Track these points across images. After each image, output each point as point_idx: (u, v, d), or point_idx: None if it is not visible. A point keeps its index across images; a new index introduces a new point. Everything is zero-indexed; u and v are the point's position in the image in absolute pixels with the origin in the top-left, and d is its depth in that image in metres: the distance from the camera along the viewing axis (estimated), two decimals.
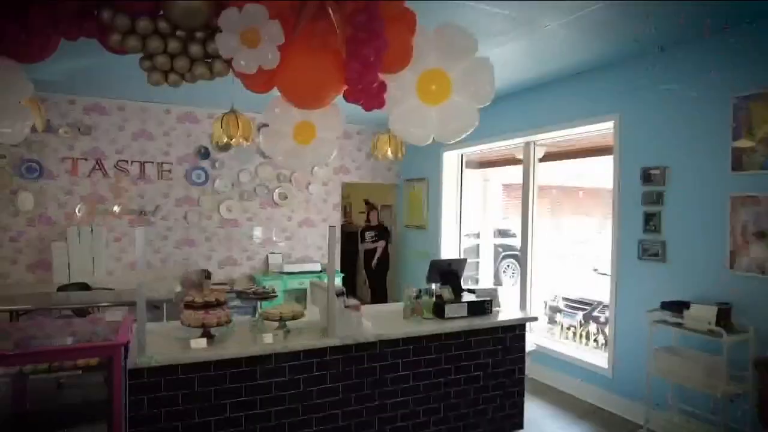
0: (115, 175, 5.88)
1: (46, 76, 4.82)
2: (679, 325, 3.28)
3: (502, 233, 9.03)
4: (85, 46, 2.15)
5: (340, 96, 2.46)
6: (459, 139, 2.74)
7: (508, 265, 11.36)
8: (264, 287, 3.16)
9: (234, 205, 6.48)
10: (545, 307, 6.19)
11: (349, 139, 7.23)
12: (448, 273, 3.53)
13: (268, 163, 6.66)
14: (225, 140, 2.71)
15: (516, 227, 12.32)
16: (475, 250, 7.24)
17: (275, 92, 2.51)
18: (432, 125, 2.75)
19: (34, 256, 5.55)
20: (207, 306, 2.79)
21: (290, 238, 6.87)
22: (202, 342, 2.50)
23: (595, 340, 4.82)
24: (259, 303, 3.06)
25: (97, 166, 5.79)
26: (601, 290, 5.31)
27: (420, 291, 3.39)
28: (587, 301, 6.33)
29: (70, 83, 5.22)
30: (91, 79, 5.08)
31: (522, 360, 3.51)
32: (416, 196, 7.10)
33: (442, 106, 2.68)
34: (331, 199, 7.14)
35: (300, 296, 6.99)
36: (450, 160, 6.50)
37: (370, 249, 7.34)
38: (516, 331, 3.46)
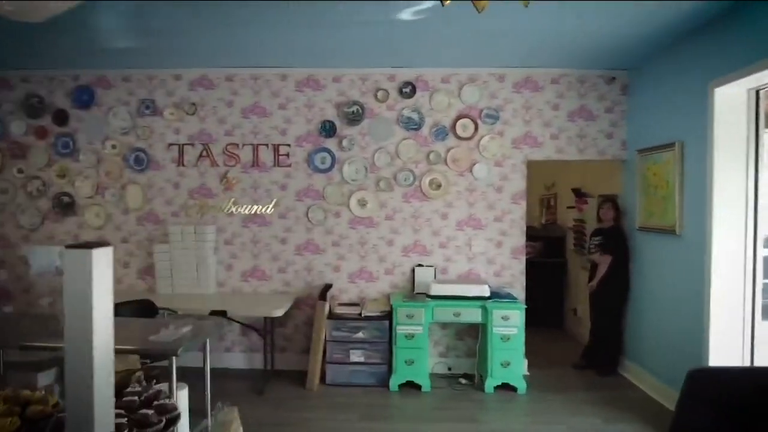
0: (224, 163, 4.72)
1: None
2: None
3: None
4: None
5: None
6: None
7: None
8: (157, 396, 1.14)
9: (368, 198, 4.69)
10: None
11: (538, 92, 4.63)
12: None
13: (413, 137, 4.66)
14: None
15: None
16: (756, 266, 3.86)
17: None
18: None
19: (143, 260, 4.77)
20: None
21: (446, 245, 4.71)
22: None
23: None
24: None
25: (204, 153, 4.72)
26: None
27: None
28: None
29: (175, 54, 4.29)
30: (197, 47, 4.14)
31: None
32: (658, 177, 4.09)
33: None
34: (510, 187, 4.69)
35: (461, 331, 4.70)
36: (728, 103, 3.36)
37: (593, 264, 4.77)
38: None
